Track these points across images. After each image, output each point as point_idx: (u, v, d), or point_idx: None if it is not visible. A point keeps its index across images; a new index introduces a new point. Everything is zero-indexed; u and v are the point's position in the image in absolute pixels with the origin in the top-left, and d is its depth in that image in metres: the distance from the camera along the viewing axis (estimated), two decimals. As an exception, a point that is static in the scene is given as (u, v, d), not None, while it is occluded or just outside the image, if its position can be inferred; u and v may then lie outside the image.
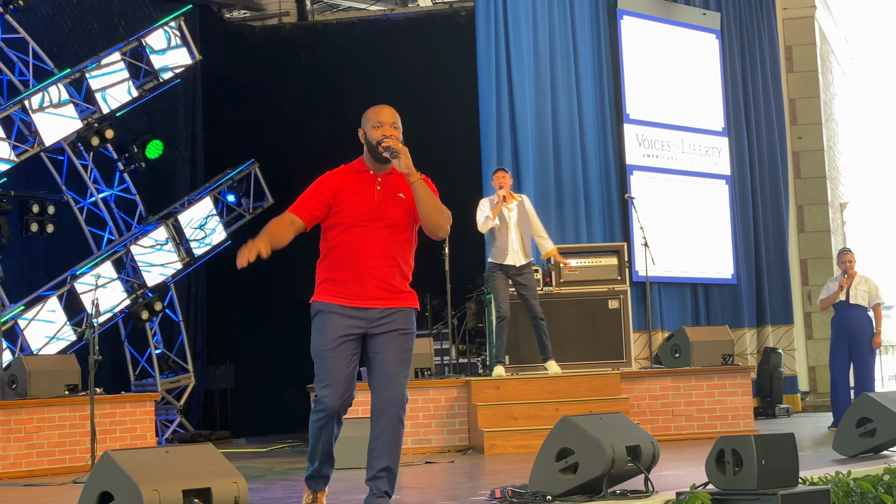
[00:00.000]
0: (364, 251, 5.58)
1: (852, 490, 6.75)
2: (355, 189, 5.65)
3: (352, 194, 5.63)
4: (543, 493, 6.23)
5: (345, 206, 5.63)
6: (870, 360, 12.17)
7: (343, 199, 5.63)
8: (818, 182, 17.82)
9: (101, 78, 13.54)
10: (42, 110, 12.94)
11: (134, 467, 4.64)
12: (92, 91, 13.43)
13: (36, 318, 12.76)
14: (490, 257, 11.34)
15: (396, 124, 5.65)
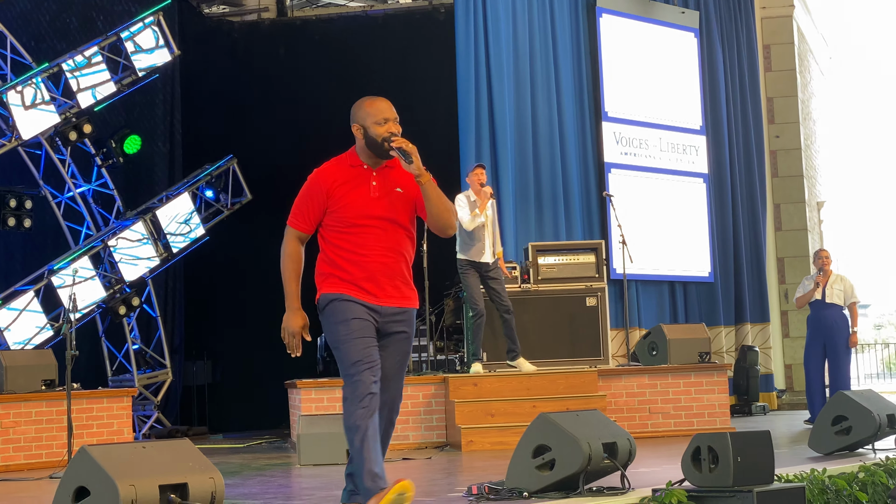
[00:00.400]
0: (371, 250, 5.36)
1: (827, 487, 6.79)
2: (351, 185, 5.42)
3: (348, 191, 5.40)
4: (520, 490, 6.25)
5: (342, 205, 5.39)
6: (845, 358, 12.24)
7: (339, 198, 5.39)
8: (795, 181, 17.90)
9: (79, 72, 13.48)
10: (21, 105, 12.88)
11: (110, 462, 4.63)
12: (70, 86, 13.38)
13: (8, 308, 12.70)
14: (462, 254, 11.26)
15: (397, 118, 5.45)
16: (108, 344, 14.17)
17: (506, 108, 13.94)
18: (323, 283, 5.42)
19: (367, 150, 5.45)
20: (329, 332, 5.39)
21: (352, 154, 5.52)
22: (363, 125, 5.44)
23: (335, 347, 5.32)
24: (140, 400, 13.91)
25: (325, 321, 5.40)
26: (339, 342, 5.30)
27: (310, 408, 10.81)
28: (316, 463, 9.23)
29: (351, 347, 5.25)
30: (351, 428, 5.19)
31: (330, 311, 5.36)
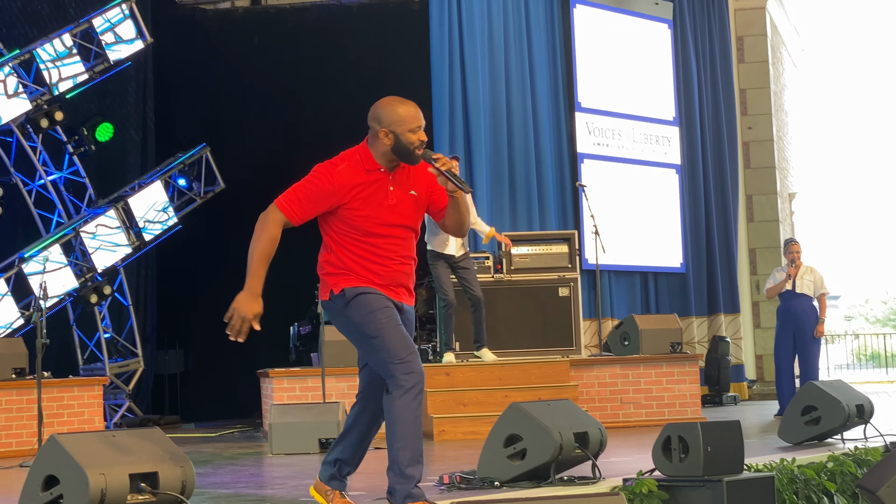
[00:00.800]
0: (389, 259, 5.17)
1: (796, 477, 6.83)
2: (367, 193, 5.14)
3: (364, 199, 5.13)
4: (491, 479, 6.26)
5: (358, 214, 5.12)
6: (814, 349, 12.31)
7: (354, 206, 5.12)
8: (767, 172, 17.98)
9: (51, 59, 13.40)
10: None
11: (80, 451, 4.62)
12: (41, 72, 13.30)
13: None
14: (430, 245, 11.27)
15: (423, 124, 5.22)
16: (79, 332, 14.11)
17: (480, 98, 13.95)
18: (340, 279, 5.16)
19: (389, 155, 5.18)
20: (361, 324, 5.11)
21: (366, 155, 5.21)
22: (394, 130, 5.14)
23: (372, 337, 5.07)
24: (111, 389, 13.86)
25: (354, 313, 5.12)
26: (379, 331, 5.05)
27: (282, 397, 10.80)
28: (288, 452, 9.22)
29: (393, 335, 5.05)
30: (405, 420, 5.01)
31: (358, 303, 5.10)
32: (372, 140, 5.22)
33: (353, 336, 5.20)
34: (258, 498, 6.35)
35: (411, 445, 5.04)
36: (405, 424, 5.01)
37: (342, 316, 5.18)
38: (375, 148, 5.20)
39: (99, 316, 14.06)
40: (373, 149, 5.21)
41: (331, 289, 5.19)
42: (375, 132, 5.18)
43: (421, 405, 5.03)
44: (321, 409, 9.54)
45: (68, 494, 4.59)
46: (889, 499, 4.24)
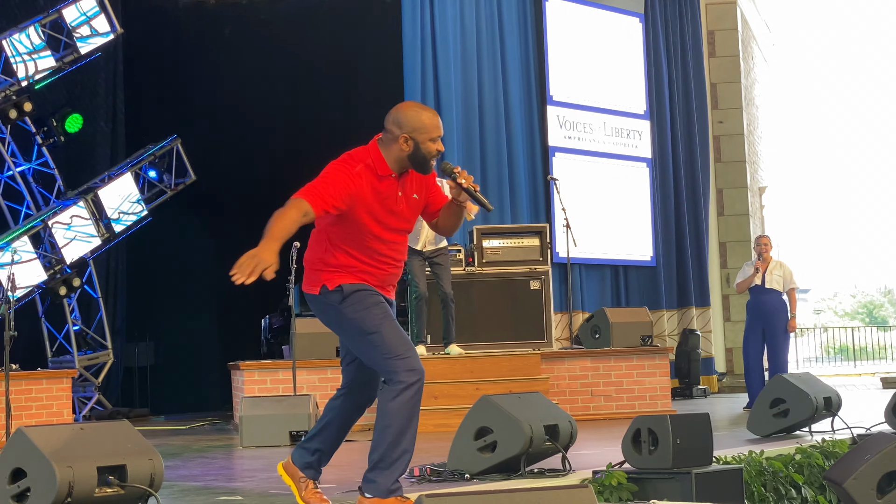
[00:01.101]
0: (386, 264, 5.13)
1: (765, 469, 6.87)
2: (378, 200, 5.02)
3: (376, 206, 5.01)
4: (462, 472, 6.27)
5: (367, 221, 5.01)
6: (783, 343, 12.37)
7: (365, 212, 4.99)
8: (738, 166, 18.05)
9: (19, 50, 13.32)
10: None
11: (47, 444, 4.59)
12: (10, 63, 13.21)
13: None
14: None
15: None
16: (48, 325, 14.04)
17: (452, 91, 13.95)
18: (336, 276, 5.04)
19: (403, 161, 5.03)
20: (358, 320, 5.01)
21: (379, 160, 5.03)
22: (415, 138, 4.97)
23: (371, 332, 4.98)
24: (80, 381, 13.80)
25: (350, 309, 5.01)
26: (377, 327, 4.98)
27: (252, 390, 10.77)
28: (258, 445, 9.20)
29: (392, 331, 4.99)
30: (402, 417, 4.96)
31: (355, 300, 5.01)
32: (387, 143, 5.04)
33: (347, 331, 5.09)
34: (228, 491, 6.34)
35: (406, 443, 4.99)
36: (402, 421, 4.96)
37: (334, 311, 5.06)
38: (389, 152, 5.03)
39: (68, 308, 13.99)
40: (386, 152, 5.03)
41: (323, 284, 5.05)
42: (394, 136, 5.00)
43: (419, 402, 4.98)
44: (292, 401, 9.52)
45: (35, 487, 4.56)
46: (855, 491, 4.27)
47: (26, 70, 13.33)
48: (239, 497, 5.99)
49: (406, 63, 13.79)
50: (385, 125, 5.06)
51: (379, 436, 5.00)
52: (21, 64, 13.29)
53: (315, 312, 5.24)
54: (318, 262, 5.10)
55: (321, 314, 5.19)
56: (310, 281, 5.13)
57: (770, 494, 6.77)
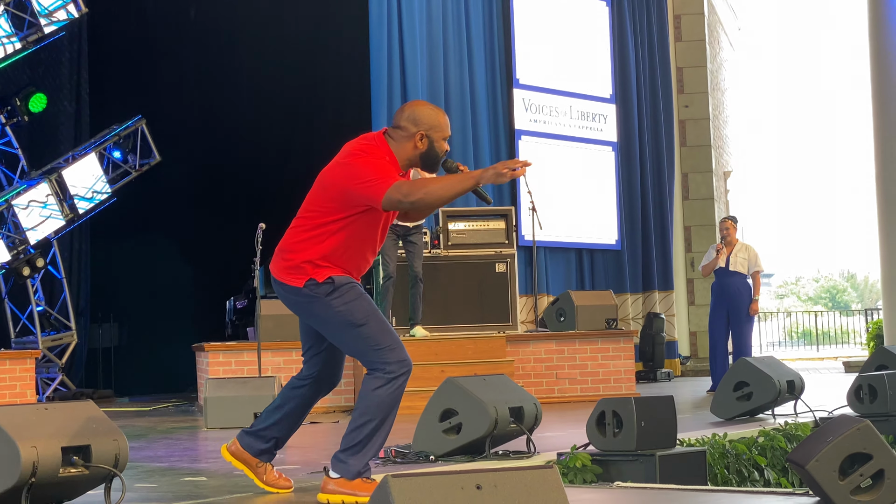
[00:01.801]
0: (373, 255, 5.09)
1: (728, 451, 6.92)
2: None
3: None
4: (427, 453, 6.29)
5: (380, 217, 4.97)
6: (747, 326, 12.43)
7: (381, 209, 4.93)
8: (703, 150, 18.12)
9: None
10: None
11: (11, 423, 4.57)
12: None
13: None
14: None
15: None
16: (11, 305, 13.95)
17: (418, 75, 13.93)
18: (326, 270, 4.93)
19: (414, 160, 5.00)
20: (347, 312, 4.92)
21: (393, 158, 4.97)
22: (430, 136, 4.98)
23: (360, 324, 4.91)
24: (44, 362, 13.73)
25: (339, 300, 4.92)
26: (366, 318, 4.92)
27: (217, 371, 10.75)
28: (223, 426, 9.19)
29: (380, 323, 4.95)
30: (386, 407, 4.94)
31: (343, 292, 4.92)
32: (399, 140, 4.98)
33: (332, 324, 4.98)
34: (193, 472, 6.33)
35: (385, 431, 4.98)
36: (386, 411, 4.94)
37: (320, 304, 4.95)
38: (402, 150, 4.99)
39: (32, 289, 13.91)
40: (397, 149, 4.98)
41: (311, 277, 4.94)
42: (410, 133, 4.96)
43: (403, 393, 4.98)
44: (257, 383, 9.51)
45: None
46: (818, 473, 4.31)
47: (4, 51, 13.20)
48: (203, 478, 5.99)
49: (372, 43, 13.76)
50: (397, 122, 5.00)
51: (360, 422, 4.94)
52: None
53: (290, 304, 5.08)
54: (307, 254, 4.96)
55: (306, 306, 5.02)
56: (292, 272, 4.98)
57: (733, 476, 6.82)
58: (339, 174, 4.90)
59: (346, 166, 4.89)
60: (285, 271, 5.00)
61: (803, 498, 4.64)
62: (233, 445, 5.26)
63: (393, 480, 2.88)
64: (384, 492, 2.89)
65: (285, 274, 5.00)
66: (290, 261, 4.99)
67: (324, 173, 5.01)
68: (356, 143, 5.00)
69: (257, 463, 5.22)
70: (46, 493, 4.68)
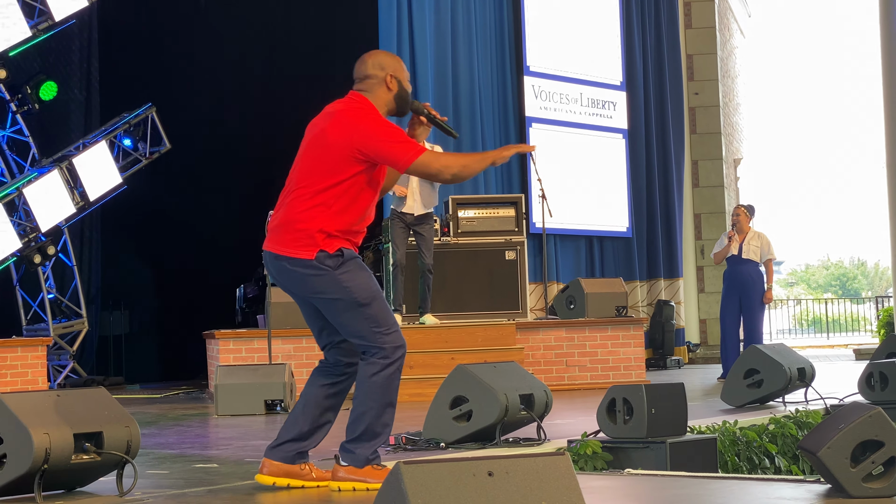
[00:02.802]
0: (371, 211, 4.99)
1: (738, 439, 6.92)
2: None
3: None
4: (437, 440, 6.29)
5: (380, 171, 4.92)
6: (759, 314, 12.42)
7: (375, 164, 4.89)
8: (713, 138, 18.09)
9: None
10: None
11: (24, 410, 4.59)
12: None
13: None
14: (391, 205, 11.29)
15: None
16: (22, 293, 13.99)
17: (427, 62, 13.90)
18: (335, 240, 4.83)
19: (391, 104, 4.98)
20: (353, 289, 4.80)
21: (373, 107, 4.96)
22: (397, 77, 4.98)
23: (364, 304, 4.80)
24: (55, 350, 13.77)
25: (347, 275, 4.81)
26: (372, 298, 4.82)
27: (227, 358, 10.77)
28: (233, 413, 9.21)
29: (383, 304, 4.87)
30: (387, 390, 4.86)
31: (352, 266, 4.83)
32: (373, 90, 4.97)
33: (335, 300, 4.85)
34: (204, 458, 6.35)
35: (387, 416, 4.89)
36: (389, 395, 4.86)
37: (328, 278, 4.82)
38: (378, 98, 4.97)
39: (43, 276, 13.94)
40: (374, 99, 4.96)
41: (322, 248, 4.81)
42: (380, 79, 4.95)
43: (400, 375, 4.90)
44: (267, 370, 9.53)
45: (12, 454, 4.56)
46: (829, 460, 4.31)
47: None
48: (214, 465, 6.00)
49: (381, 34, 13.73)
50: (365, 73, 4.98)
51: (361, 410, 4.86)
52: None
53: (292, 281, 4.90)
54: (318, 221, 4.84)
55: (306, 281, 4.86)
56: (301, 244, 4.83)
57: (744, 464, 6.82)
58: (351, 133, 4.81)
59: (360, 125, 4.82)
60: (293, 244, 4.84)
61: (815, 485, 4.65)
62: (266, 467, 5.00)
63: (405, 467, 2.89)
64: (396, 478, 2.90)
65: (293, 246, 4.83)
66: (301, 231, 4.83)
67: (321, 134, 4.89)
68: (350, 103, 4.94)
69: (301, 467, 5.01)
70: (59, 479, 4.70)
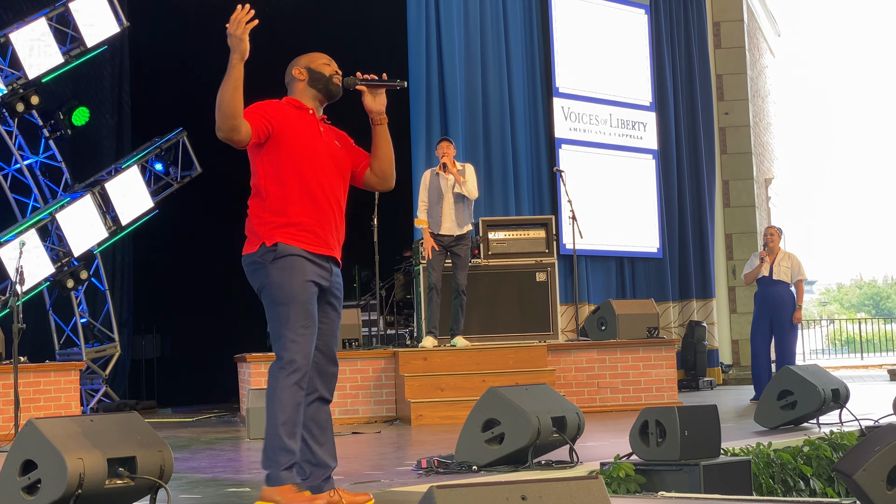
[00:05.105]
0: (323, 194, 4.99)
1: (773, 461, 6.87)
2: (300, 123, 5.07)
3: (297, 126, 5.04)
4: (469, 463, 6.28)
5: (292, 138, 5.00)
6: (791, 334, 12.35)
7: (288, 130, 5.01)
8: (744, 157, 18.04)
9: (26, 43, 13.32)
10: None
11: (58, 435, 4.60)
12: (17, 56, 13.22)
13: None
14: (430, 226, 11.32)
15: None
16: (55, 317, 14.06)
17: (457, 83, 13.93)
18: (277, 231, 4.93)
19: (310, 91, 5.19)
20: (276, 285, 4.88)
21: (290, 99, 5.21)
22: (308, 67, 5.23)
23: (280, 304, 4.86)
24: (88, 374, 13.83)
25: (277, 271, 4.90)
26: (289, 300, 4.86)
27: (259, 382, 10.79)
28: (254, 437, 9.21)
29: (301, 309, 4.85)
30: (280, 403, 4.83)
31: (279, 265, 4.89)
32: (291, 87, 5.25)
33: (265, 295, 4.95)
34: (236, 482, 6.35)
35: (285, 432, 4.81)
36: (275, 409, 4.81)
37: (264, 271, 4.93)
38: (297, 92, 5.22)
39: (75, 301, 14.01)
40: (296, 96, 5.22)
41: (263, 241, 4.95)
42: (293, 77, 5.24)
43: (300, 393, 4.83)
44: (299, 393, 9.52)
45: (46, 479, 4.58)
46: (865, 482, 4.27)
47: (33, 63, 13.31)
48: (247, 489, 6.01)
49: (411, 55, 13.79)
50: (286, 79, 5.31)
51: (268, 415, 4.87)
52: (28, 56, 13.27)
53: (248, 276, 5.03)
54: (255, 212, 5.03)
55: (253, 274, 5.00)
56: (249, 240, 5.03)
57: (778, 486, 6.77)
58: None
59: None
60: (246, 242, 5.06)
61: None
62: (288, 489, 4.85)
63: (438, 491, 2.88)
64: (430, 503, 2.90)
65: (245, 244, 5.05)
66: (249, 228, 5.06)
67: None
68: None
69: (331, 495, 4.90)
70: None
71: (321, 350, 5.03)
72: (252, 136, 4.99)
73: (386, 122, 5.18)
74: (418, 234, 12.14)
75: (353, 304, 13.57)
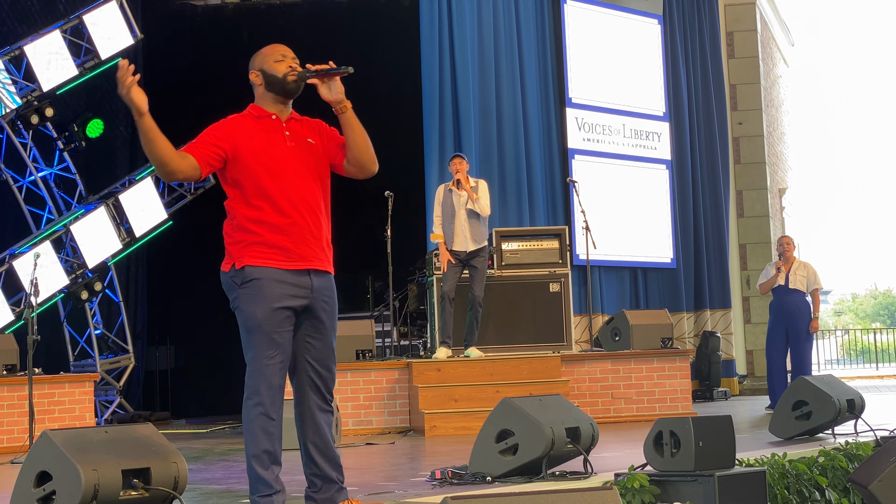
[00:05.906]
0: (293, 206, 4.89)
1: (788, 472, 6.84)
2: (261, 135, 4.99)
3: (256, 141, 4.97)
4: (483, 474, 6.27)
5: (252, 155, 4.92)
6: (806, 344, 12.32)
7: (247, 148, 4.94)
8: (758, 167, 18.01)
9: (41, 55, 13.38)
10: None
11: (72, 447, 4.61)
12: (31, 68, 13.27)
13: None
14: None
15: (295, 57, 5.20)
16: (69, 329, 14.09)
17: (470, 94, 13.94)
18: (245, 250, 4.90)
19: (269, 95, 5.13)
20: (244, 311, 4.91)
21: (253, 107, 5.16)
22: (261, 69, 5.14)
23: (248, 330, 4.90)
24: (102, 385, 13.86)
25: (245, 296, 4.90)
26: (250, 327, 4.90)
27: (273, 393, 10.76)
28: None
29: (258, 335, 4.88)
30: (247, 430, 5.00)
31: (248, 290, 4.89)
32: (255, 93, 5.21)
33: (237, 315, 4.98)
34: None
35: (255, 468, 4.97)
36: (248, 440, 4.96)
37: (234, 293, 4.97)
38: (259, 98, 5.17)
39: (90, 312, 14.04)
40: (258, 101, 5.18)
41: (233, 262, 4.96)
42: (253, 83, 5.18)
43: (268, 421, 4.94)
44: (313, 404, 9.51)
45: (61, 490, 4.59)
46: (880, 493, 4.26)
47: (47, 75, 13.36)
48: (262, 500, 5.99)
49: (424, 66, 13.80)
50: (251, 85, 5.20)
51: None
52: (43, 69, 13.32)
53: (226, 291, 5.05)
54: (233, 231, 5.00)
55: (227, 293, 5.03)
56: (225, 259, 5.03)
57: (794, 497, 6.74)
58: None
59: None
60: (223, 260, 5.05)
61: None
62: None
63: (452, 502, 2.88)
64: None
65: (223, 262, 5.05)
66: (225, 246, 5.03)
67: None
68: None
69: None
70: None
71: (314, 367, 5.09)
72: (202, 166, 4.99)
73: (349, 109, 5.07)
74: (432, 246, 12.16)
75: (367, 315, 13.58)
